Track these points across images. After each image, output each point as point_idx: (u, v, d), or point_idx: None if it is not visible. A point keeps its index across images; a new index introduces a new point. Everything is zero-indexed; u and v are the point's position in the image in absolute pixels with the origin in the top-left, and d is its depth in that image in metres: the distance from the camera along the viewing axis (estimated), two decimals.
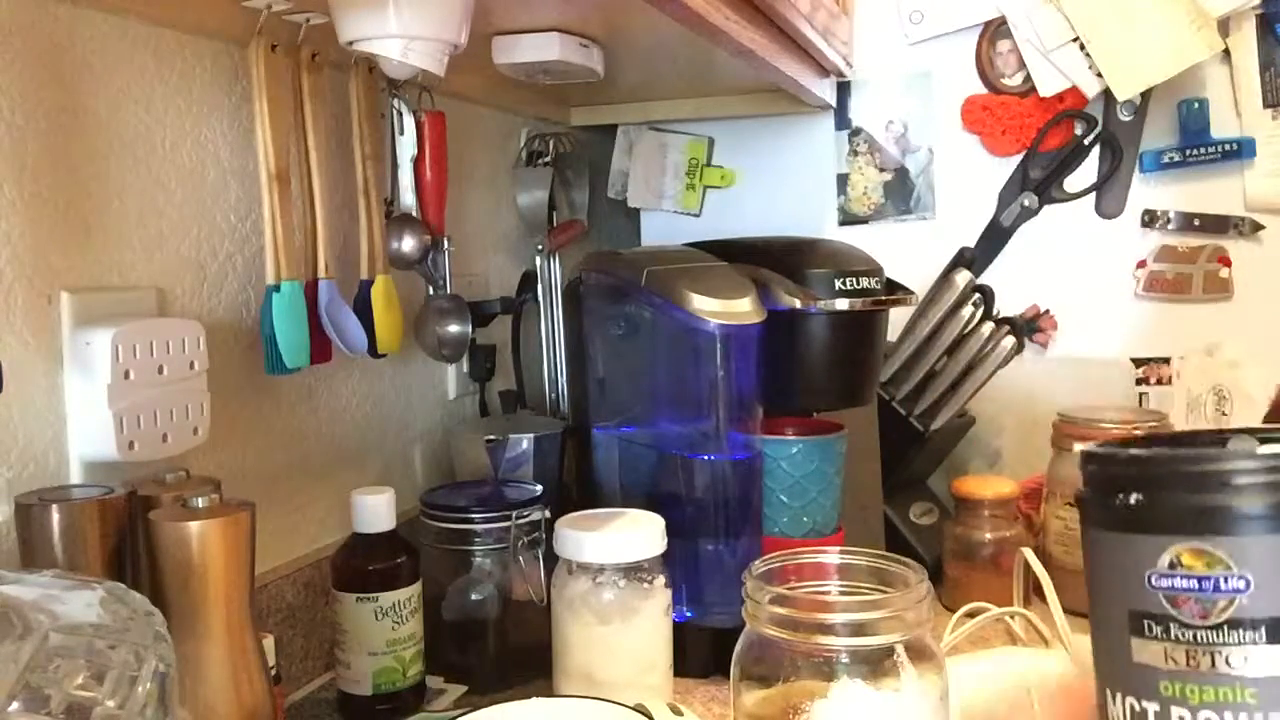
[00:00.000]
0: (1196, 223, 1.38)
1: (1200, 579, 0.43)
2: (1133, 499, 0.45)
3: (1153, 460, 0.45)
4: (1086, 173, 1.40)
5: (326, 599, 0.96)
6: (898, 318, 1.17)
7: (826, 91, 1.43)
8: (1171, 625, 0.44)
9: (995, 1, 1.40)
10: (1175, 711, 0.44)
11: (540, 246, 1.34)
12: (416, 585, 0.92)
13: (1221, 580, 0.43)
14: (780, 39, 1.12)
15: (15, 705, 0.42)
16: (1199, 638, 0.43)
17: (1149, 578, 0.44)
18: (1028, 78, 1.40)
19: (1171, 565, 0.44)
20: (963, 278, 1.26)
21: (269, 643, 0.75)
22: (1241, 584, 0.43)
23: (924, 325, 1.26)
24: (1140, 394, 1.40)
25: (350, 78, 0.97)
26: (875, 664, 0.62)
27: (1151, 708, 0.45)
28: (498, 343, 1.28)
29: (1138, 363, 1.40)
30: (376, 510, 0.90)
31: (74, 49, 0.77)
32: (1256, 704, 0.43)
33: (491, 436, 1.13)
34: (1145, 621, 0.45)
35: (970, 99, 1.43)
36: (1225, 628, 0.43)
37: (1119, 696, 0.47)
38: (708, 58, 1.16)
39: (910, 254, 1.37)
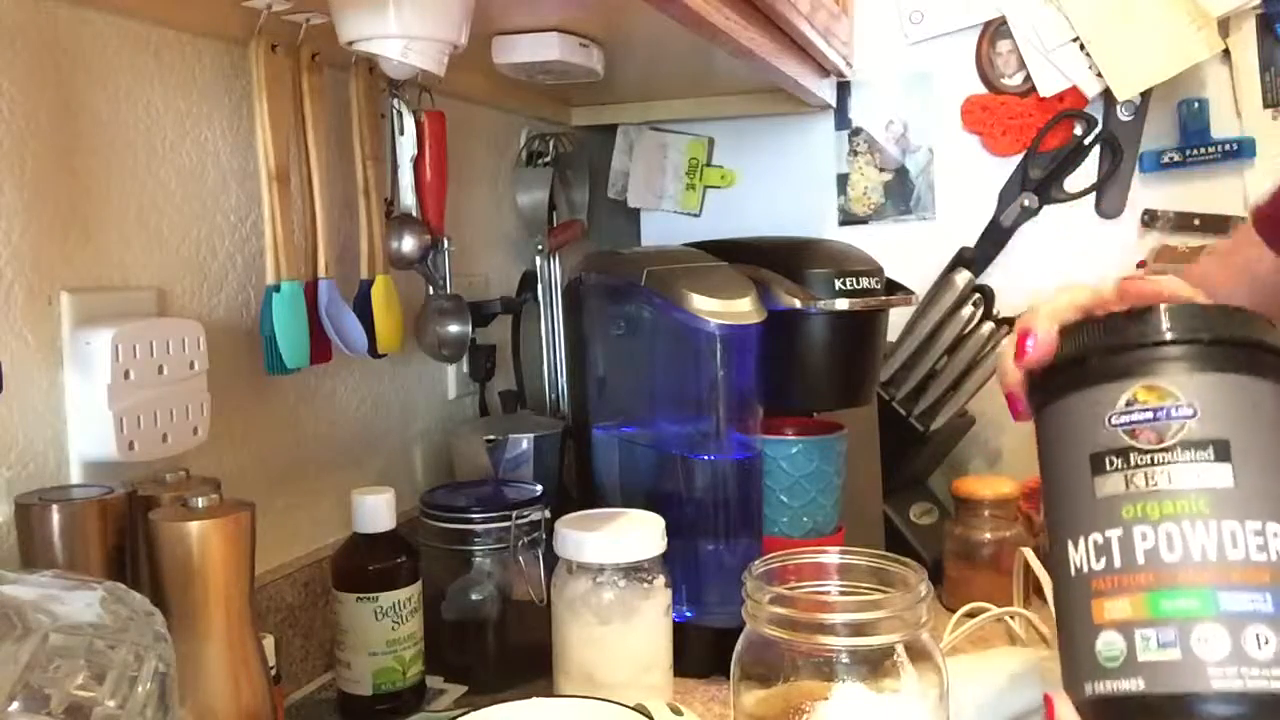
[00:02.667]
0: (1196, 223, 1.38)
1: (1155, 409, 0.50)
2: (1095, 360, 0.53)
3: (1120, 319, 0.53)
4: (1086, 173, 1.40)
5: (326, 599, 0.96)
6: (898, 318, 1.17)
7: (826, 91, 1.43)
8: (1131, 454, 0.51)
9: (995, 1, 1.40)
10: (1138, 531, 0.50)
11: (540, 246, 1.34)
12: (416, 585, 0.92)
13: (1173, 409, 0.50)
14: (780, 39, 1.12)
15: (15, 705, 0.42)
16: (1156, 459, 0.50)
17: (1109, 419, 0.51)
18: (1028, 78, 1.40)
19: (1129, 403, 0.51)
20: (963, 278, 1.26)
21: (269, 643, 0.75)
22: (1190, 411, 0.50)
23: (924, 325, 1.26)
24: None
25: (350, 78, 0.97)
26: (875, 664, 0.62)
27: (1114, 534, 0.50)
28: (498, 343, 1.28)
29: None
30: (376, 510, 0.90)
31: (74, 49, 0.77)
32: (1210, 513, 0.49)
33: (491, 436, 1.13)
34: (1106, 458, 0.51)
35: (970, 99, 1.43)
36: (1179, 448, 0.50)
37: (1081, 540, 0.52)
38: (708, 58, 1.16)
39: (910, 254, 1.37)
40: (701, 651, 0.96)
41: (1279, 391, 0.51)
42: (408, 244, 1.05)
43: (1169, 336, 0.51)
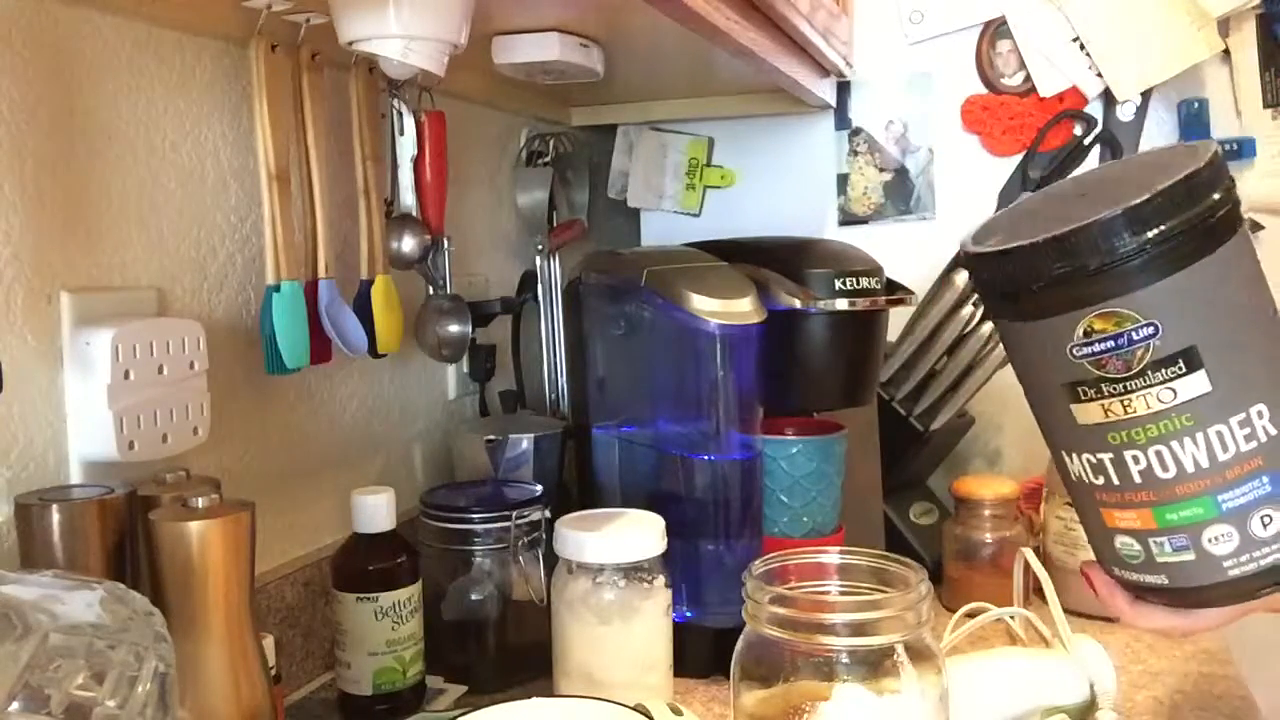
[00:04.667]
0: None
1: (1115, 337, 0.48)
2: (1034, 288, 0.49)
3: (1037, 249, 0.49)
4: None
5: (326, 599, 0.96)
6: (898, 318, 1.17)
7: (826, 91, 1.43)
8: (1103, 385, 0.49)
9: (995, 1, 1.40)
10: (1128, 454, 0.50)
11: (540, 246, 1.34)
12: (416, 585, 0.92)
13: (1134, 333, 0.48)
14: (780, 39, 1.12)
15: (15, 705, 0.42)
16: (1129, 386, 0.48)
17: (1070, 350, 0.49)
18: (1028, 78, 1.40)
19: (1086, 334, 0.48)
20: (962, 278, 1.26)
21: (269, 643, 0.75)
22: (1150, 330, 0.48)
23: (924, 325, 1.26)
24: None
25: (350, 78, 0.97)
26: (875, 664, 0.62)
27: (1106, 458, 0.50)
28: (498, 343, 1.28)
29: None
30: (376, 510, 0.90)
31: (74, 49, 0.77)
32: (1194, 424, 0.48)
33: (491, 436, 1.13)
34: (1079, 389, 0.50)
35: (970, 99, 1.43)
36: (1149, 371, 0.48)
37: (1075, 455, 0.52)
38: (708, 58, 1.16)
39: (910, 254, 1.37)
40: (701, 651, 0.96)
41: (1225, 254, 0.49)
42: (408, 244, 1.05)
43: (1110, 256, 0.47)
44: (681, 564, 0.95)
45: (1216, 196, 0.48)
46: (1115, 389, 0.49)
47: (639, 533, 0.88)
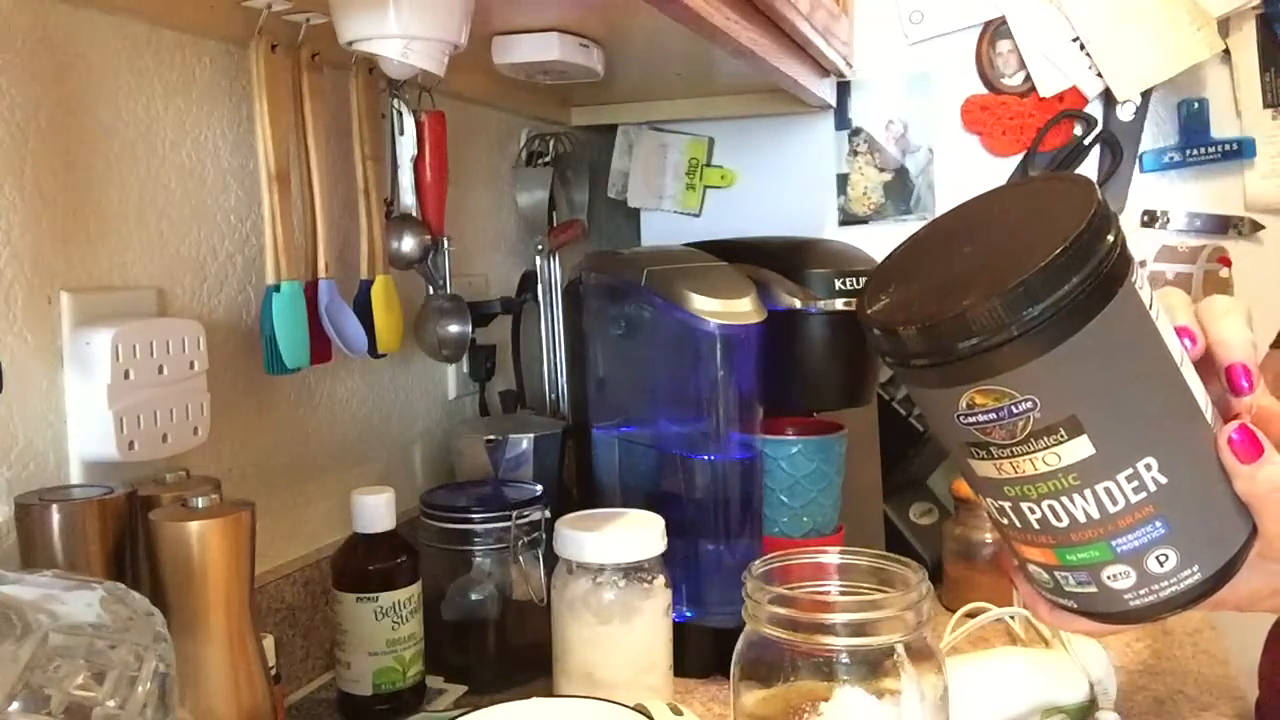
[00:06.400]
0: (1196, 223, 1.38)
1: (995, 410, 0.49)
2: (914, 365, 0.50)
3: (914, 334, 0.50)
4: (1086, 173, 1.40)
5: (326, 599, 0.96)
6: None
7: (826, 91, 1.43)
8: (991, 448, 0.50)
9: (995, 1, 1.40)
10: (1024, 505, 0.52)
11: (540, 246, 1.34)
12: (416, 585, 0.92)
13: (1013, 407, 0.49)
14: (780, 39, 1.12)
15: (15, 705, 0.42)
16: (1015, 450, 0.50)
17: (958, 419, 0.50)
18: (1028, 78, 1.40)
19: (969, 406, 0.50)
20: None
21: (269, 643, 0.75)
22: (1029, 403, 0.48)
23: None
24: None
25: (350, 78, 0.97)
26: (875, 664, 0.62)
27: (1007, 505, 0.53)
28: (498, 343, 1.28)
29: None
30: (376, 510, 0.90)
31: (74, 49, 0.77)
32: (1081, 483, 0.50)
33: (491, 436, 1.13)
34: (972, 448, 0.51)
35: (970, 99, 1.43)
36: (1032, 439, 0.49)
37: (984, 498, 0.55)
38: (708, 58, 1.16)
39: None
40: (701, 651, 0.96)
41: (1107, 317, 0.48)
42: (408, 244, 1.05)
43: (984, 340, 0.47)
44: (681, 564, 0.95)
45: (1096, 260, 0.47)
46: (1002, 452, 0.50)
47: (639, 533, 0.88)
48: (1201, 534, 0.51)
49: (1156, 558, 0.51)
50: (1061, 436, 0.49)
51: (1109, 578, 0.52)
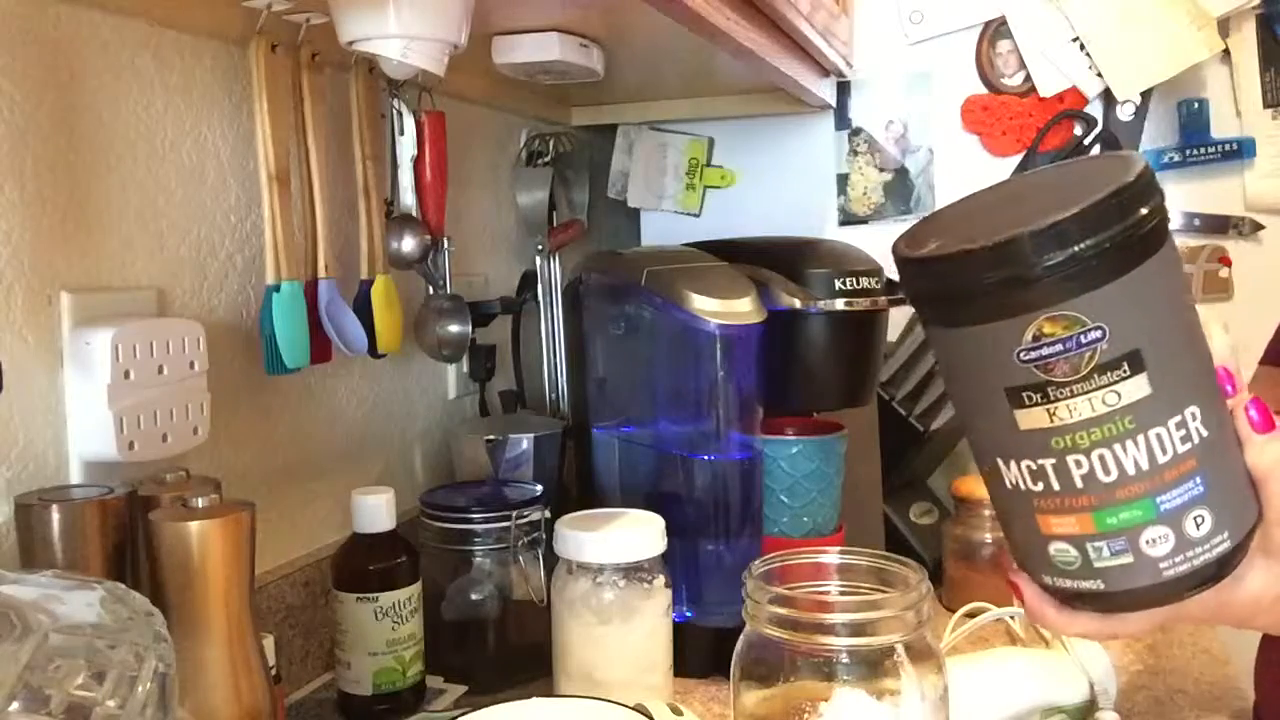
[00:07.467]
0: (1196, 223, 1.38)
1: (1064, 340, 0.48)
2: (979, 293, 0.49)
3: (988, 253, 0.48)
4: None
5: (326, 599, 0.96)
6: (898, 318, 1.17)
7: (826, 91, 1.43)
8: (1049, 389, 0.49)
9: (995, 1, 1.40)
10: (1070, 459, 0.50)
11: (540, 246, 1.34)
12: (416, 585, 0.92)
13: (1082, 336, 0.48)
14: (780, 39, 1.12)
15: (15, 705, 0.42)
16: (1074, 390, 0.49)
17: (1017, 355, 0.49)
18: (1028, 78, 1.40)
19: (1035, 338, 0.48)
20: None
21: (269, 643, 0.75)
22: (1099, 333, 0.48)
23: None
24: None
25: (350, 78, 0.97)
26: (875, 664, 0.62)
27: (1048, 463, 0.51)
28: (498, 343, 1.28)
29: None
30: (376, 510, 0.90)
31: (74, 49, 0.77)
32: (1135, 427, 0.49)
33: (491, 436, 1.13)
34: (1024, 394, 0.50)
35: (970, 99, 1.43)
36: (1095, 374, 0.48)
37: (1013, 462, 0.52)
38: (708, 58, 1.16)
39: None
40: (701, 651, 0.96)
41: (1164, 258, 0.49)
42: (408, 244, 1.05)
43: (1063, 260, 0.47)
44: (681, 564, 0.95)
45: (1154, 203, 0.49)
46: (1061, 393, 0.49)
47: (639, 533, 0.88)
48: (1232, 497, 0.51)
49: (1194, 518, 0.50)
50: (1125, 371, 0.48)
51: (1147, 542, 0.51)
